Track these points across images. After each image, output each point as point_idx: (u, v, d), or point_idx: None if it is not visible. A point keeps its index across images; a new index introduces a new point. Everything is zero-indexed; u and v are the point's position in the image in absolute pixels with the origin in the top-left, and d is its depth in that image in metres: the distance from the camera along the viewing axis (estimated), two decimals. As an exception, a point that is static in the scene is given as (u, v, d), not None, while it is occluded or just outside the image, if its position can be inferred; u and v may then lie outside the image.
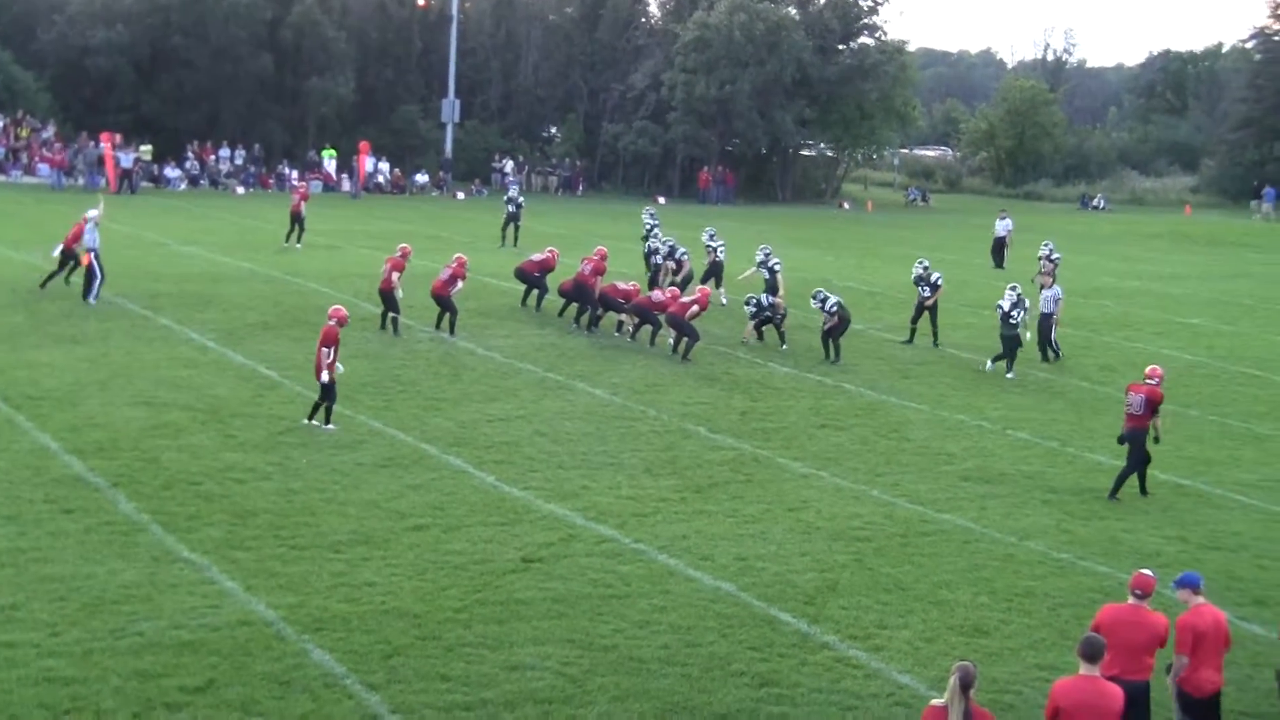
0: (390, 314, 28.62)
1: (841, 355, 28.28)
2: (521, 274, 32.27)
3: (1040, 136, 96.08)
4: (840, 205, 78.71)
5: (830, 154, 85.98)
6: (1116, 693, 9.96)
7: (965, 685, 9.32)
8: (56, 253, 31.01)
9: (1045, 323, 29.93)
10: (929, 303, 30.20)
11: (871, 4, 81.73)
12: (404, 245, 30.45)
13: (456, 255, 30.29)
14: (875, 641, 13.92)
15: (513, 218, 45.00)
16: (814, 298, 29.19)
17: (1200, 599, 11.57)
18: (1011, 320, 27.67)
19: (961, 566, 16.31)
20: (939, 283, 30.30)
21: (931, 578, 15.85)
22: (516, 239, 44.27)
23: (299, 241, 41.74)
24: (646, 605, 14.47)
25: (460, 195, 69.00)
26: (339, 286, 33.83)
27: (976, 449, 22.04)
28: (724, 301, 33.97)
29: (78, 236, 30.55)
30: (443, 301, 28.84)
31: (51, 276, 30.91)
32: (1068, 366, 28.98)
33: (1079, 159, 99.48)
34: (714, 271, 34.95)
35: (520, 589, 14.72)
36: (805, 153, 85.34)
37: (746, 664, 13.18)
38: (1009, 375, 27.74)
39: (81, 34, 67.66)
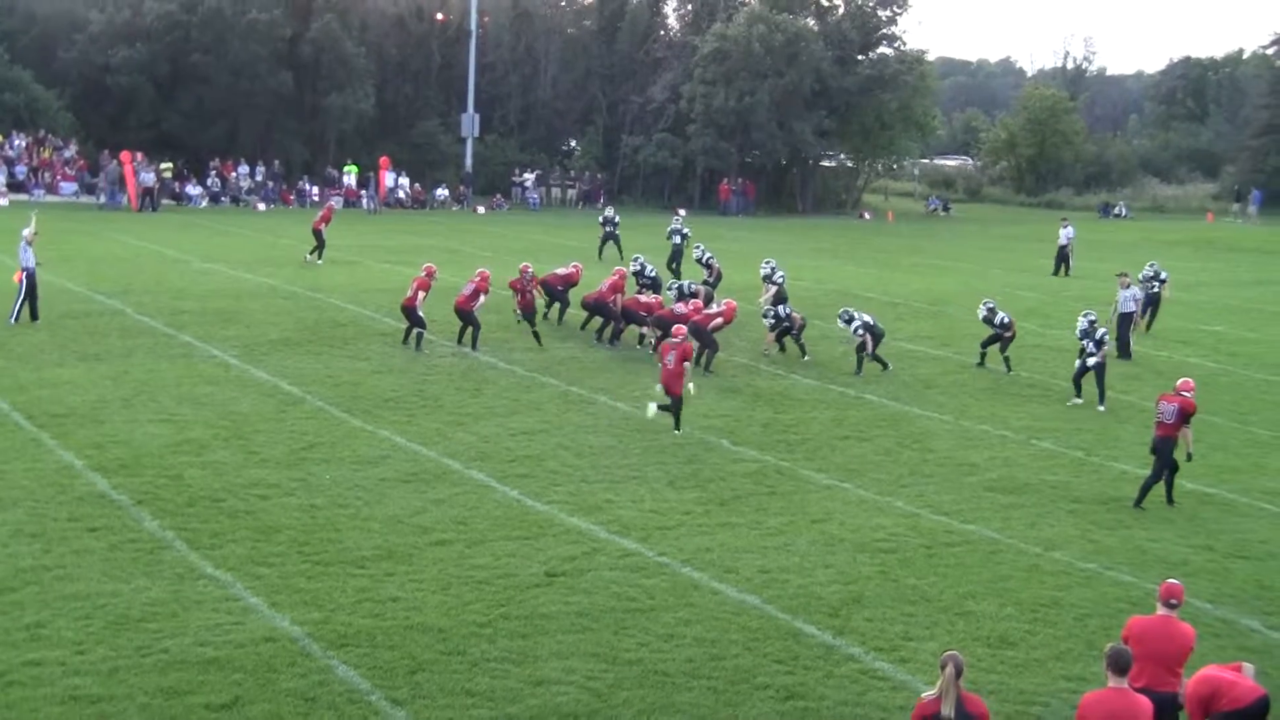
0: (415, 329, 28.60)
1: (863, 369, 28.18)
2: (545, 287, 32.28)
3: (1061, 145, 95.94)
4: (861, 216, 78.69)
5: (850, 164, 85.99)
6: (1146, 705, 9.89)
7: (959, 673, 9.61)
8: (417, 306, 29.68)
9: (1124, 321, 31.04)
10: (1008, 336, 29.22)
11: (890, 14, 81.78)
12: (429, 265, 30.33)
13: (479, 269, 30.32)
14: (901, 653, 13.86)
15: (610, 236, 45.30)
16: (840, 318, 29.07)
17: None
18: (1086, 351, 26.29)
19: (986, 577, 16.24)
20: (1006, 320, 29.12)
21: (956, 589, 15.79)
22: (621, 254, 43.92)
23: (319, 258, 41.84)
24: (671, 619, 14.43)
25: (481, 209, 69.09)
26: (361, 302, 33.91)
27: (1000, 459, 21.96)
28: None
29: (423, 288, 29.21)
30: (466, 316, 28.82)
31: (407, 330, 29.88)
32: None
33: (1100, 167, 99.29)
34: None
35: (544, 603, 14.69)
36: (825, 163, 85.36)
37: (772, 677, 13.13)
38: (1099, 408, 25.95)
39: (102, 52, 68.01)
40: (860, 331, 28.32)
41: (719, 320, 28.18)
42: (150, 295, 33.65)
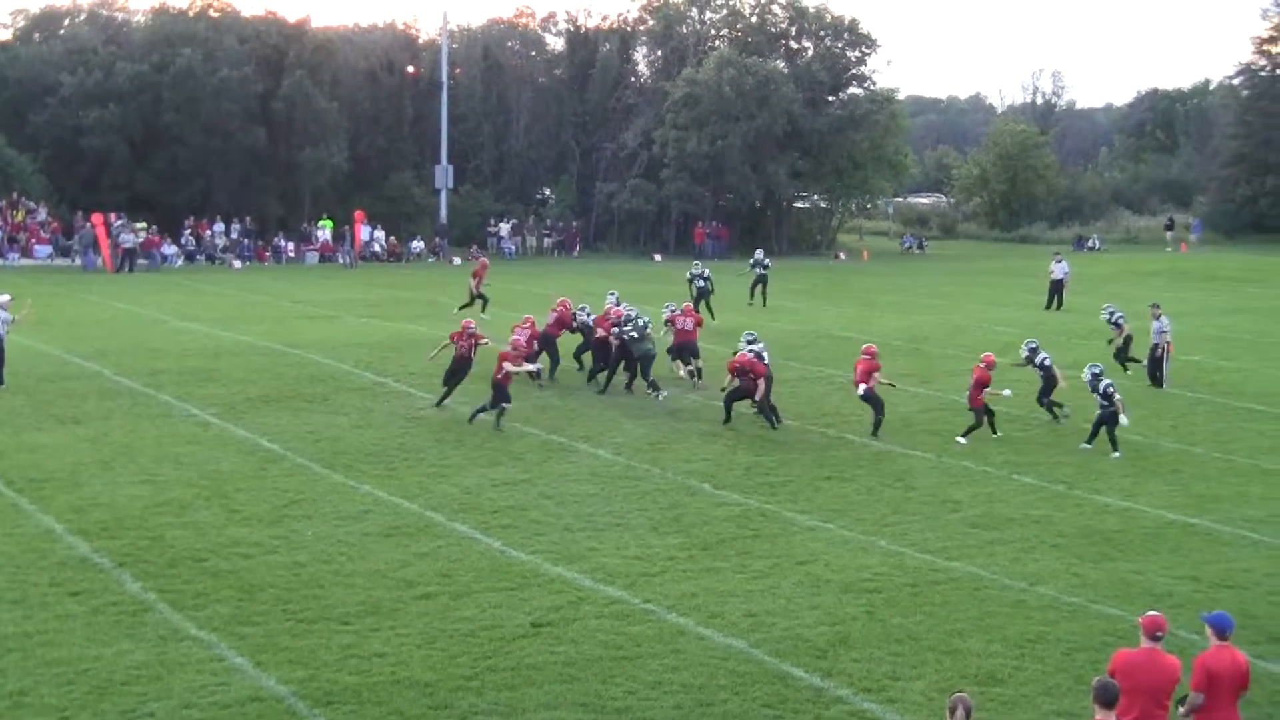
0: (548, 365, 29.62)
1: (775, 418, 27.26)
2: (545, 340, 31.80)
3: (1033, 180, 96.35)
4: (836, 256, 78.79)
5: (824, 205, 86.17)
6: (1134, 738, 9.90)
7: (968, 714, 9.79)
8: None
9: (1154, 351, 32.01)
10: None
11: (859, 54, 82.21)
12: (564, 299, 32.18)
13: (560, 299, 32.63)
14: (889, 694, 13.83)
15: (703, 292, 43.00)
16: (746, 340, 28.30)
17: (1223, 643, 11.40)
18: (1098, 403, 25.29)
19: (972, 614, 16.23)
20: (1048, 363, 28.11)
21: (943, 627, 15.77)
22: (711, 313, 41.88)
23: (484, 311, 41.59)
24: (658, 666, 14.40)
25: (457, 260, 69.10)
26: (339, 357, 33.87)
27: (983, 495, 21.98)
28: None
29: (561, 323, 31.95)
30: (547, 344, 31.17)
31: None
32: (1072, 409, 28.84)
33: (1072, 200, 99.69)
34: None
35: (530, 654, 14.65)
36: (799, 204, 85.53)
37: (761, 722, 13.10)
38: (1114, 454, 24.87)
39: (74, 114, 68.01)
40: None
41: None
42: (128, 356, 33.58)
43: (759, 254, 49.34)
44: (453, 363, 28.07)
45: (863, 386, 26.67)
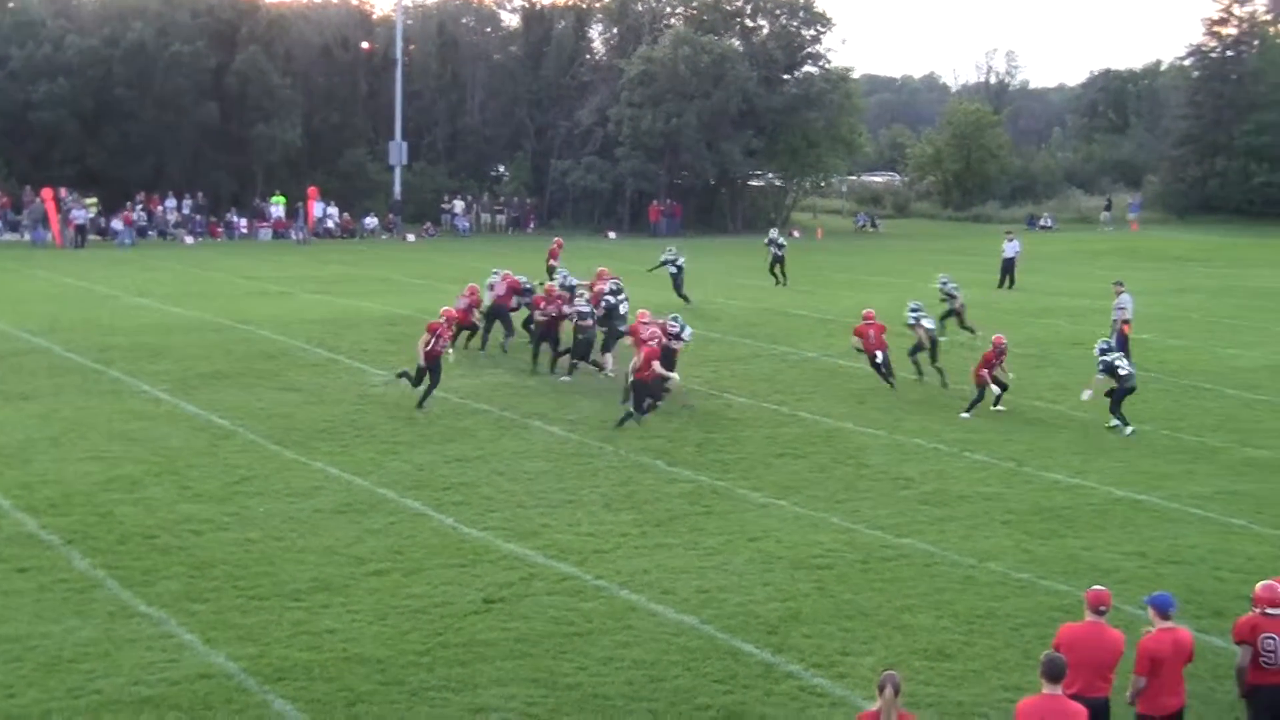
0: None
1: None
2: (497, 310, 31.88)
3: (986, 159, 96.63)
4: (790, 234, 78.74)
5: (779, 183, 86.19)
6: (1079, 711, 10.00)
7: (897, 692, 9.79)
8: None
9: (1115, 328, 32.54)
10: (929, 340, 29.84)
11: (814, 33, 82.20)
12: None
13: (504, 272, 32.89)
14: (839, 669, 13.91)
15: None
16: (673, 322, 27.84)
17: (1166, 623, 11.49)
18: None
19: (923, 590, 16.33)
20: (929, 325, 29.93)
21: (893, 603, 15.86)
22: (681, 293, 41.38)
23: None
24: (609, 642, 14.43)
25: (410, 237, 68.88)
26: (291, 333, 33.74)
27: (934, 472, 22.09)
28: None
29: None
30: (499, 313, 32.01)
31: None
32: (1022, 386, 29.01)
33: (1025, 180, 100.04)
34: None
35: (482, 630, 14.66)
36: (754, 183, 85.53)
37: (711, 697, 13.15)
38: (1124, 430, 25.23)
39: (23, 89, 67.23)
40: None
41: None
42: (78, 332, 33.36)
43: (773, 233, 49.50)
44: (424, 358, 25.64)
45: (879, 354, 28.39)
